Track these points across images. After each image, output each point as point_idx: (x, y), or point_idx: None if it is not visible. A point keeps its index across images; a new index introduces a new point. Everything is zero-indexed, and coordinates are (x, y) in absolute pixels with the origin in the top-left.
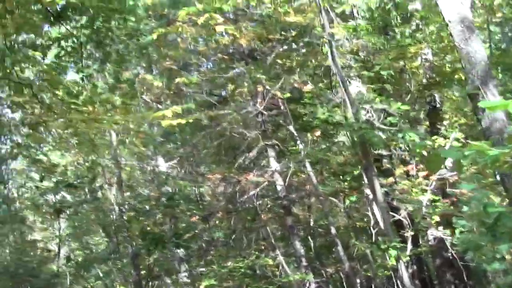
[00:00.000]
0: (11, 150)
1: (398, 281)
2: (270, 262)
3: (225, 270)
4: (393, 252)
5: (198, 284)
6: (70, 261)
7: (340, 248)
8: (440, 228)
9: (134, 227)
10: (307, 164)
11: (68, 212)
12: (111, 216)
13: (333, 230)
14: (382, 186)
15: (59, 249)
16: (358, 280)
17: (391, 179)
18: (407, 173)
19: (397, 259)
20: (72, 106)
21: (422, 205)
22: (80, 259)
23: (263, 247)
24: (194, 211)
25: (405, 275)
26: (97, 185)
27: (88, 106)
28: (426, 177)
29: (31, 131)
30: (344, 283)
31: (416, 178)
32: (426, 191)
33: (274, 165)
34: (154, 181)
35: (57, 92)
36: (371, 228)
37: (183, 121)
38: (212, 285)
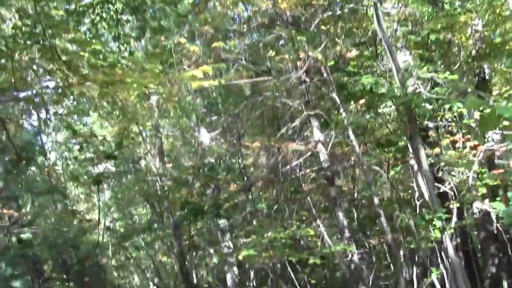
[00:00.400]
0: (51, 121)
1: (443, 253)
2: (312, 232)
3: (265, 240)
4: (437, 223)
5: (237, 253)
6: (110, 231)
7: (383, 219)
8: (486, 201)
9: (175, 197)
10: (351, 134)
11: (108, 182)
12: (153, 187)
13: (376, 201)
14: (427, 156)
15: (99, 219)
16: (401, 252)
17: (437, 150)
18: (453, 144)
19: (442, 230)
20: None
21: (468, 176)
22: (122, 230)
23: (305, 218)
24: (236, 181)
25: (450, 247)
26: (138, 155)
27: (115, 68)
28: (473, 148)
29: (62, 98)
30: (387, 255)
31: (463, 149)
32: (473, 162)
33: (318, 135)
34: (196, 152)
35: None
36: (416, 200)
37: (215, 83)
38: (251, 255)
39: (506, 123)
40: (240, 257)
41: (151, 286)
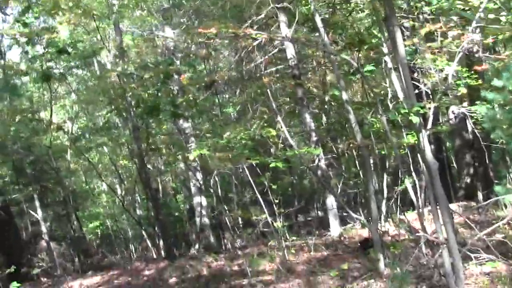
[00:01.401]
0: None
1: (419, 156)
2: (273, 132)
3: (223, 141)
4: (415, 119)
5: (189, 154)
6: (64, 132)
7: (352, 117)
8: (465, 104)
9: (133, 95)
10: (319, 22)
11: (64, 80)
12: (112, 85)
13: (345, 96)
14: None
15: (50, 119)
16: (371, 160)
17: (415, 40)
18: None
19: (419, 128)
20: None
21: (447, 75)
22: (77, 130)
23: (266, 116)
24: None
25: (427, 149)
26: (93, 50)
27: None
28: (456, 38)
29: None
30: (356, 162)
31: (444, 39)
32: (454, 54)
33: (285, 31)
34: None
35: None
36: (389, 101)
37: None
38: (205, 154)
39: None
40: (191, 157)
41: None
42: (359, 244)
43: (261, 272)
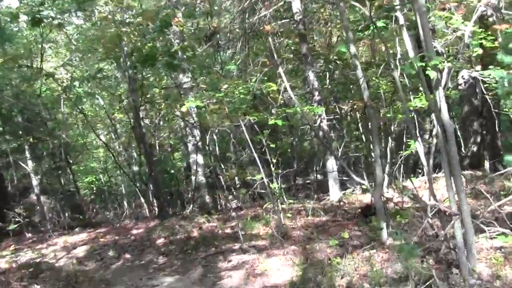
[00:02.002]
0: None
1: (434, 117)
2: (274, 87)
3: (220, 95)
4: (432, 74)
5: (181, 105)
6: (52, 77)
7: (360, 72)
8: (478, 68)
9: (129, 43)
10: None
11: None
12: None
13: (352, 49)
14: None
15: (40, 66)
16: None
17: None
18: None
19: (436, 85)
20: None
21: (463, 33)
22: (68, 78)
23: (266, 67)
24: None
25: (444, 108)
26: None
27: None
28: None
29: None
30: (359, 125)
31: None
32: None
33: None
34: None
35: None
36: (398, 62)
37: None
38: (201, 108)
39: None
40: (184, 109)
41: (116, 144)
42: (359, 210)
43: (255, 236)
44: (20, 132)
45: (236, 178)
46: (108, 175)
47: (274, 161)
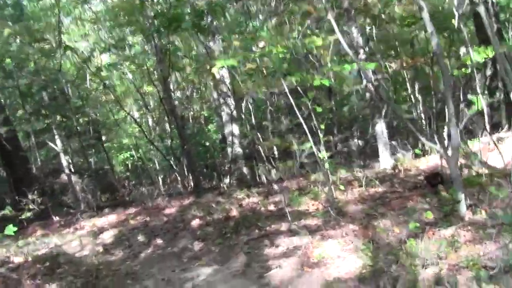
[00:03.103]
0: None
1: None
2: (319, 42)
3: (255, 54)
4: None
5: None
6: (70, 50)
7: (426, 15)
8: None
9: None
10: None
11: None
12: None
13: None
14: None
15: (60, 40)
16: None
17: None
18: None
19: None
20: None
21: None
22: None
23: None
24: None
25: None
26: None
27: None
28: None
29: None
30: (407, 83)
31: None
32: None
33: None
34: None
35: None
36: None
37: None
38: (230, 65)
39: None
40: (215, 69)
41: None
42: (424, 179)
43: (304, 213)
44: (44, 112)
45: (275, 148)
46: (141, 151)
47: (322, 127)
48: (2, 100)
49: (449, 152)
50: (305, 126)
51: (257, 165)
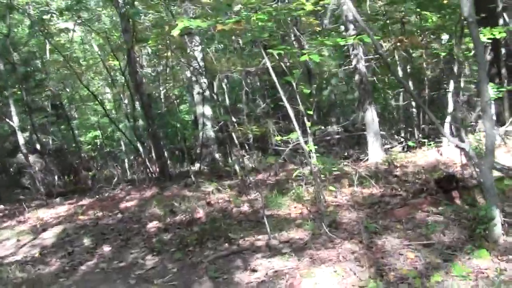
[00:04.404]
0: None
1: None
2: (309, 6)
3: (231, 20)
4: None
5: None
6: (16, 11)
7: None
8: None
9: None
10: None
11: None
12: None
13: None
14: None
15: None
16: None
17: None
18: None
19: None
20: None
21: None
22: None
23: None
24: None
25: None
26: None
27: None
28: None
29: None
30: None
31: None
32: None
33: None
34: None
35: None
36: None
37: None
38: (193, 26)
39: None
40: (175, 32)
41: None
42: (435, 183)
43: (285, 220)
44: None
45: (250, 134)
46: (109, 131)
47: (310, 112)
48: None
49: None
50: (290, 112)
51: (230, 151)
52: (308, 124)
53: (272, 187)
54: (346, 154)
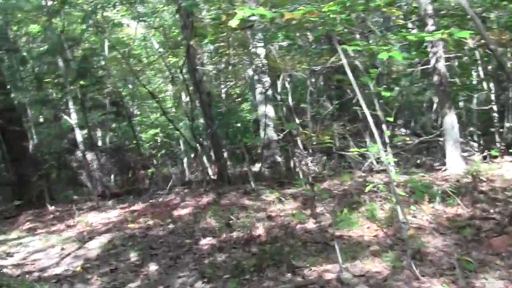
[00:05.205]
0: None
1: None
2: None
3: (298, 11)
4: None
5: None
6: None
7: None
8: None
9: None
10: None
11: None
12: None
13: None
14: None
15: None
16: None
17: None
18: None
19: None
20: None
21: None
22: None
23: None
24: None
25: None
26: None
27: None
28: None
29: None
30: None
31: None
32: None
33: None
34: None
35: None
36: None
37: None
38: (256, 13)
39: None
40: (234, 23)
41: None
42: None
43: (358, 245)
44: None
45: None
46: (164, 129)
47: (390, 119)
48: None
49: None
50: (370, 119)
51: (292, 156)
52: (387, 132)
53: (340, 199)
54: (418, 161)
